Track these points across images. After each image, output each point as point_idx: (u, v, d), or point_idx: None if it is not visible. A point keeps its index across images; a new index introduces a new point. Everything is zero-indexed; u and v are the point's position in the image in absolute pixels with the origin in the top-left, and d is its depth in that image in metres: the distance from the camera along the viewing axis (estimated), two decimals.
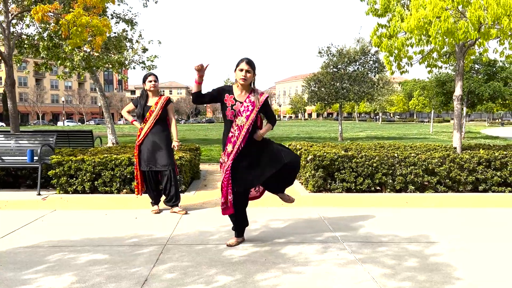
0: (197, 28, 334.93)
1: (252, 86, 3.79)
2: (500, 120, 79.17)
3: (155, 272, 3.25)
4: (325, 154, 6.36)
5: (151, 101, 5.17)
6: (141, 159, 5.12)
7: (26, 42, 12.92)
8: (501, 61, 25.21)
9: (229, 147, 3.72)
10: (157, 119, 5.10)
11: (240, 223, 3.98)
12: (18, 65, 13.53)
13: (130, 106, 5.46)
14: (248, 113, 3.69)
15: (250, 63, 3.69)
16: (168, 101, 5.26)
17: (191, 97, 3.75)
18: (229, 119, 3.73)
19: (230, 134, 3.72)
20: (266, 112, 3.87)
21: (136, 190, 5.27)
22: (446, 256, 3.60)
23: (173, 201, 5.19)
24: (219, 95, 3.76)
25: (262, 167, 3.72)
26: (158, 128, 5.11)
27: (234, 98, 3.73)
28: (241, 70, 3.67)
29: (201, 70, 3.60)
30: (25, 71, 19.83)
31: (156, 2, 16.80)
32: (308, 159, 6.53)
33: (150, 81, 5.15)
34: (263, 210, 5.31)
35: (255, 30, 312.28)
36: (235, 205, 3.79)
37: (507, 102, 27.65)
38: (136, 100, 5.27)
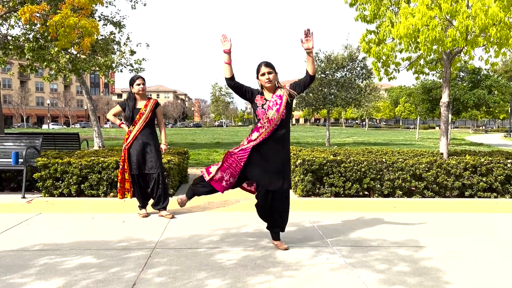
0: (185, 32, 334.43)
1: (277, 84, 3.89)
2: (484, 127, 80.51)
3: (144, 276, 3.20)
4: (314, 158, 6.38)
5: (140, 103, 5.11)
6: (131, 162, 5.04)
7: (11, 43, 12.73)
8: (485, 69, 25.69)
9: (254, 135, 3.80)
10: (147, 122, 5.05)
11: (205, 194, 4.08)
12: (3, 66, 13.31)
13: (117, 108, 5.30)
14: (278, 106, 3.78)
15: (268, 65, 3.82)
16: (157, 104, 5.22)
17: (227, 79, 3.82)
18: (259, 118, 3.82)
19: (259, 125, 3.81)
20: (296, 86, 3.86)
21: (119, 193, 5.11)
22: (436, 260, 3.62)
23: (160, 204, 5.13)
24: (252, 95, 3.87)
25: (272, 175, 3.79)
26: (147, 131, 5.06)
27: (265, 98, 3.84)
28: (263, 74, 3.80)
29: (227, 44, 3.73)
30: (9, 73, 19.50)
31: (145, 5, 16.72)
32: (297, 163, 6.54)
33: (138, 84, 5.08)
34: (255, 214, 5.28)
35: (243, 35, 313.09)
36: (226, 188, 3.89)
37: (491, 109, 28.16)
38: (124, 103, 5.19)
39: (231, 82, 3.82)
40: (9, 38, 12.69)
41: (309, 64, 3.79)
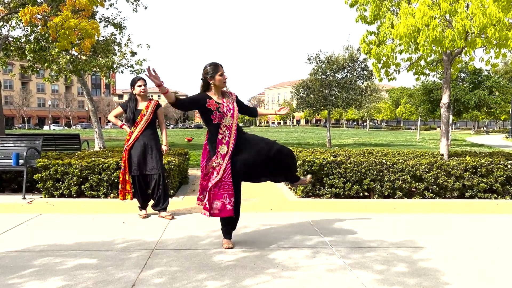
0: (186, 33, 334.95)
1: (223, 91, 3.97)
2: (485, 128, 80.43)
3: (143, 277, 3.21)
4: (314, 159, 6.38)
5: (141, 105, 5.12)
6: (131, 163, 5.04)
7: (12, 44, 12.76)
8: (486, 70, 25.69)
9: (223, 148, 3.77)
10: (148, 123, 5.06)
11: (235, 222, 4.03)
12: (4, 67, 13.34)
13: (118, 110, 5.30)
14: (232, 111, 3.83)
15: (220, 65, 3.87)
16: (158, 105, 5.23)
17: (172, 104, 3.73)
18: (216, 123, 3.78)
19: (220, 136, 3.78)
20: (242, 105, 4.06)
21: (120, 194, 5.13)
22: (435, 261, 3.62)
23: (161, 205, 5.13)
24: (199, 102, 3.80)
25: (260, 161, 3.79)
26: (148, 132, 5.07)
27: (216, 102, 3.81)
28: (222, 74, 3.82)
29: (155, 77, 3.51)
30: (10, 74, 19.54)
31: (146, 8, 16.76)
32: (297, 164, 6.54)
33: (140, 86, 5.09)
34: (253, 215, 5.29)
35: (244, 36, 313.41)
36: (237, 206, 3.87)
37: (492, 110, 28.12)
38: (125, 105, 5.20)
39: (177, 104, 3.72)
40: (10, 39, 12.72)
41: (262, 112, 4.24)
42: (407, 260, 3.64)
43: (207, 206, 3.82)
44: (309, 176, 4.35)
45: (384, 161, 6.58)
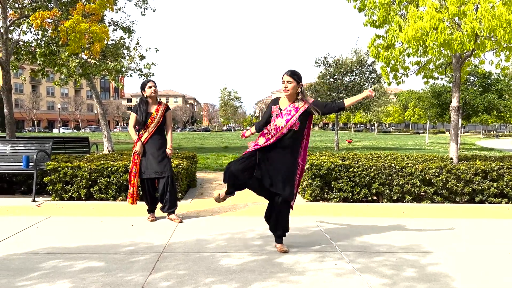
0: (195, 36, 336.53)
1: (300, 95, 3.90)
2: (495, 132, 79.65)
3: (151, 280, 3.22)
4: (322, 163, 6.36)
5: (152, 108, 5.14)
6: (141, 166, 5.06)
7: (23, 48, 12.91)
8: (496, 73, 25.47)
9: (261, 140, 3.90)
10: (158, 126, 5.09)
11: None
12: (15, 71, 13.49)
13: (133, 118, 5.13)
14: (289, 116, 3.83)
15: (290, 74, 3.85)
16: (167, 107, 5.25)
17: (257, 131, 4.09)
18: (271, 122, 3.90)
19: (266, 131, 3.91)
20: (320, 105, 3.92)
21: (130, 197, 5.15)
22: (444, 266, 3.59)
23: (168, 208, 5.14)
24: (269, 111, 3.97)
25: (274, 179, 3.85)
26: (157, 135, 5.10)
27: (279, 108, 3.90)
28: (283, 82, 3.86)
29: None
30: (21, 77, 19.80)
31: (154, 11, 16.90)
32: (305, 168, 6.52)
33: (150, 87, 5.12)
34: (261, 219, 5.26)
35: (253, 39, 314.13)
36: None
37: (502, 114, 27.85)
38: (136, 108, 5.19)
39: (264, 125, 4.01)
40: (21, 43, 12.87)
41: (350, 100, 3.88)
42: (416, 265, 3.60)
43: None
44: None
45: (393, 165, 6.53)
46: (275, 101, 3.98)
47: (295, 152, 3.94)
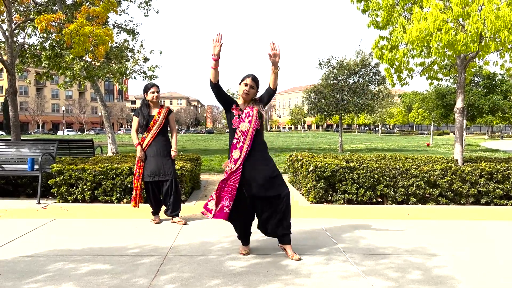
0: (198, 38, 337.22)
1: (253, 98, 3.95)
2: (500, 133, 79.25)
3: (156, 282, 3.22)
4: (326, 165, 6.35)
5: (154, 111, 5.16)
6: (145, 169, 5.08)
7: (28, 51, 12.98)
8: (500, 74, 25.33)
9: (236, 153, 3.81)
10: (160, 129, 5.10)
11: (246, 231, 4.03)
12: (20, 74, 13.58)
13: (136, 121, 5.17)
14: (250, 118, 3.83)
15: (255, 79, 3.88)
16: (170, 111, 5.27)
17: (210, 81, 3.80)
18: (234, 128, 3.85)
19: (235, 141, 3.83)
20: (263, 98, 3.96)
21: (133, 201, 5.19)
22: (450, 268, 3.57)
23: (171, 211, 5.15)
24: (230, 102, 3.92)
25: (265, 183, 3.78)
26: (160, 138, 5.11)
27: (240, 109, 3.89)
28: (246, 84, 3.86)
29: (217, 48, 3.69)
30: (26, 80, 19.92)
31: (157, 12, 16.96)
32: (309, 170, 6.51)
33: (153, 92, 5.14)
34: None
35: (256, 41, 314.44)
36: (228, 213, 3.80)
37: (506, 115, 27.69)
38: (137, 111, 5.23)
39: (216, 87, 3.81)
40: (26, 46, 12.95)
41: (272, 79, 3.85)
42: (422, 268, 3.59)
43: (209, 206, 3.88)
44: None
45: (397, 166, 6.51)
46: (237, 102, 3.93)
47: (265, 150, 3.94)
